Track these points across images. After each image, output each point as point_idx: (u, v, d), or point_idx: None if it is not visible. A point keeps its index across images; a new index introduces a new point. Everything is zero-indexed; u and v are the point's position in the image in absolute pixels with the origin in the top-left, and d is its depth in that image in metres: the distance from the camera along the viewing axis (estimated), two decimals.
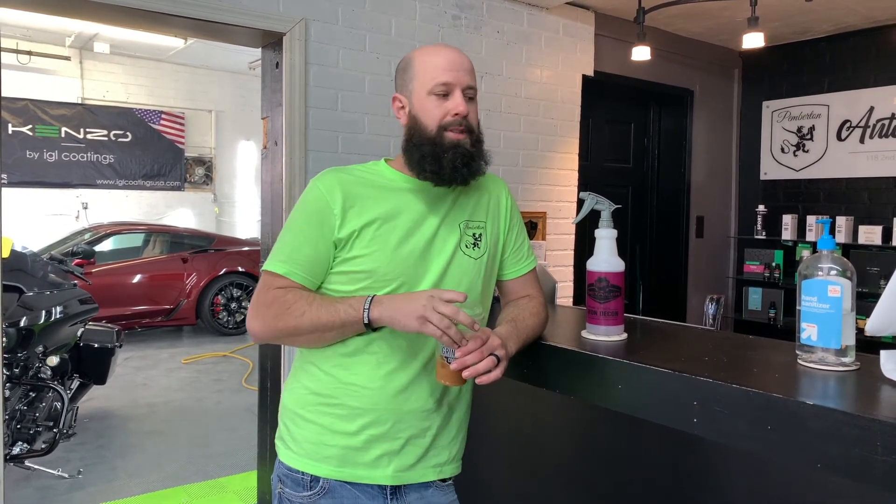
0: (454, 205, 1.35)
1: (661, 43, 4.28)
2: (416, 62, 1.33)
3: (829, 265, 1.22)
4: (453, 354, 1.18)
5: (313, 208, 1.28)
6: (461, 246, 1.34)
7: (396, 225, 1.28)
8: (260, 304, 1.26)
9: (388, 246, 1.27)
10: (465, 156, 1.29)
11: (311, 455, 1.28)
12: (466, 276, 1.34)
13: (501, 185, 1.48)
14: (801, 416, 1.06)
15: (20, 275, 3.39)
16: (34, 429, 3.27)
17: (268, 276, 1.28)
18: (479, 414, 1.95)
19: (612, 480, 1.63)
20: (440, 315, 1.14)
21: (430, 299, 1.15)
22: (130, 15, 2.60)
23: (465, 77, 1.30)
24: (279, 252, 1.28)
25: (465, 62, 1.32)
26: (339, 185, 1.28)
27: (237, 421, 4.45)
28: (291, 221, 1.31)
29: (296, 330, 1.23)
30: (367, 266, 1.26)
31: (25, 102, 7.77)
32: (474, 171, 1.31)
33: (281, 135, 2.88)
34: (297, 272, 1.26)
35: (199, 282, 7.07)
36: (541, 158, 3.77)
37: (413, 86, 1.32)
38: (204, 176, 9.21)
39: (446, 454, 1.37)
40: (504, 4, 3.58)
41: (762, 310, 4.84)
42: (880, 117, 4.35)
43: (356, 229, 1.26)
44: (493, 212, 1.42)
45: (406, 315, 1.16)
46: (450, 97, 1.29)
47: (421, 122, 1.31)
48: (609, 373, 1.36)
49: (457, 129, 1.29)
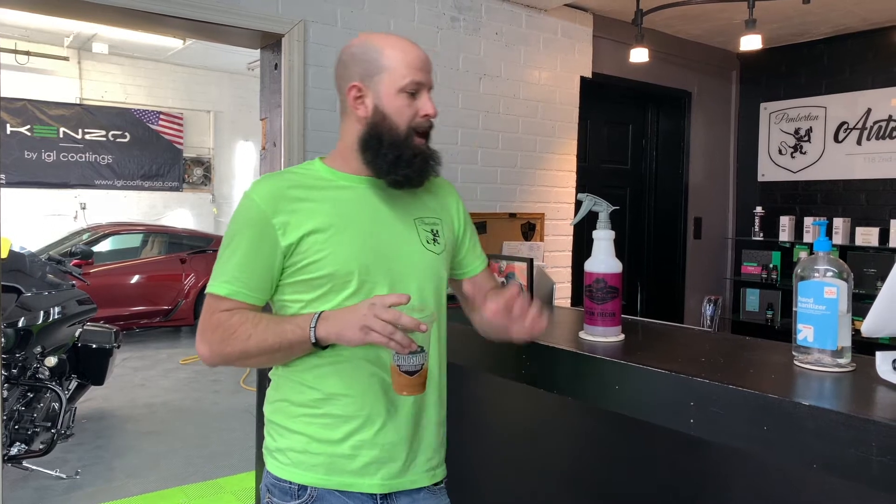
0: (402, 202, 1.31)
1: (660, 45, 4.29)
2: (387, 54, 1.26)
3: (826, 267, 1.23)
4: (406, 362, 1.13)
5: (250, 220, 1.22)
6: (422, 241, 1.31)
7: (346, 226, 1.24)
8: (205, 329, 1.21)
9: (341, 247, 1.22)
10: (430, 160, 1.28)
11: (297, 464, 1.26)
12: (429, 272, 1.31)
13: (448, 185, 1.45)
14: (797, 416, 1.06)
15: (18, 275, 3.39)
16: (32, 429, 3.27)
17: (211, 300, 1.22)
18: (474, 414, 1.95)
19: (610, 481, 1.63)
20: (382, 322, 1.09)
21: (371, 307, 1.10)
22: (129, 16, 2.60)
23: (431, 78, 1.29)
24: (221, 272, 1.22)
25: (429, 61, 1.30)
26: (274, 193, 1.23)
27: (235, 422, 4.45)
28: (229, 237, 1.24)
29: (243, 354, 1.20)
30: (325, 271, 1.22)
31: (24, 102, 7.76)
32: (431, 174, 1.31)
33: (280, 136, 2.88)
34: (241, 291, 1.21)
35: (198, 282, 7.07)
36: (539, 160, 3.78)
37: (382, 78, 1.25)
38: (202, 176, 9.21)
39: (435, 458, 1.35)
40: (502, 6, 3.58)
41: (760, 311, 4.85)
42: (877, 119, 4.36)
43: (302, 236, 1.21)
44: (444, 210, 1.40)
45: (350, 327, 1.12)
46: (419, 97, 1.27)
47: (390, 120, 1.25)
48: (606, 374, 1.37)
49: (422, 131, 1.28)
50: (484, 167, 3.54)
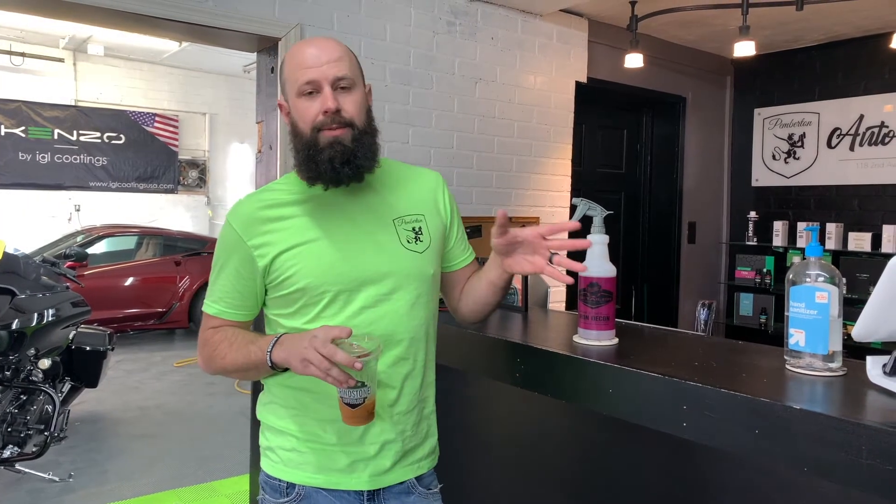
0: (378, 203, 1.30)
1: (654, 50, 4.31)
2: (286, 65, 1.27)
3: (817, 272, 1.24)
4: (348, 395, 1.12)
5: (228, 244, 1.28)
6: (402, 242, 1.29)
7: (317, 237, 1.25)
8: (199, 344, 1.32)
9: (312, 260, 1.23)
10: (345, 153, 1.21)
11: (286, 462, 1.29)
12: (413, 272, 1.29)
13: (435, 178, 1.41)
14: (788, 420, 1.08)
15: (12, 277, 3.38)
16: (25, 432, 3.25)
17: (204, 317, 1.33)
18: (469, 417, 1.96)
19: (603, 484, 1.64)
20: (320, 356, 1.09)
21: (312, 339, 1.11)
22: (126, 19, 2.61)
23: (331, 69, 1.21)
24: (210, 292, 1.31)
25: (331, 53, 1.23)
26: (248, 217, 1.26)
27: (229, 424, 4.44)
28: (215, 260, 1.31)
29: (224, 370, 1.28)
30: (299, 284, 1.23)
31: (18, 104, 7.74)
32: (360, 168, 1.24)
33: (276, 139, 2.89)
34: (227, 310, 1.29)
35: (192, 285, 7.06)
36: (534, 164, 3.79)
37: (287, 89, 1.27)
38: (197, 178, 9.20)
39: (420, 451, 1.35)
40: (498, 11, 3.60)
41: (753, 315, 4.87)
42: (870, 125, 4.40)
43: (276, 254, 1.24)
44: (430, 205, 1.36)
45: (293, 357, 1.14)
46: (318, 95, 1.22)
47: (298, 126, 1.25)
48: (600, 377, 1.38)
49: (331, 127, 1.22)
50: (479, 171, 3.55)
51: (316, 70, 1.21)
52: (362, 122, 1.25)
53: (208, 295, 1.31)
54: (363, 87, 1.29)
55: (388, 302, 1.27)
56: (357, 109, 1.25)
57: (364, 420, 1.17)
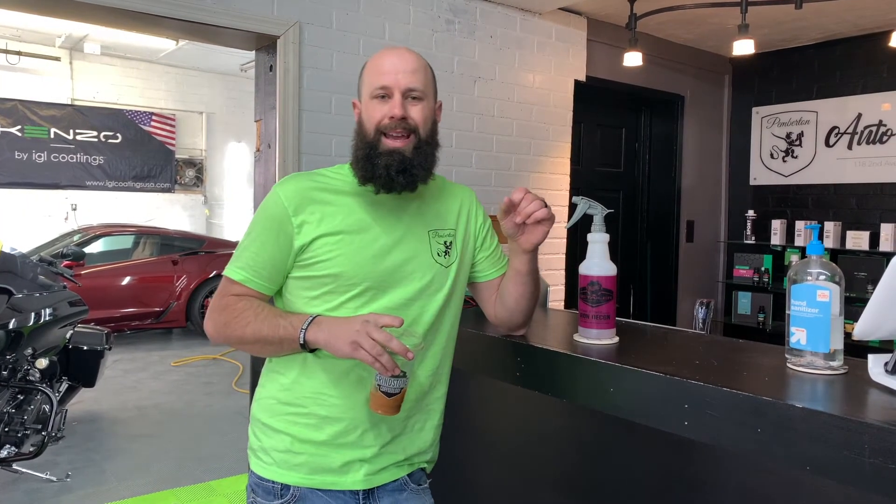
0: (419, 212, 1.34)
1: (653, 49, 4.31)
2: (366, 67, 1.34)
3: (818, 270, 1.23)
4: (387, 384, 1.15)
5: (272, 215, 1.27)
6: (433, 253, 1.33)
7: (360, 230, 1.27)
8: (214, 309, 1.28)
9: (351, 250, 1.26)
10: (402, 162, 1.26)
11: (280, 464, 1.28)
12: (437, 284, 1.32)
13: (471, 195, 1.47)
14: (790, 419, 1.07)
15: (10, 276, 3.36)
16: (22, 432, 3.24)
17: (226, 282, 1.29)
18: (470, 416, 1.95)
19: (604, 484, 1.64)
20: (372, 342, 1.11)
21: (364, 324, 1.13)
22: (123, 16, 2.60)
23: (404, 79, 1.28)
24: (238, 258, 1.29)
25: (407, 64, 1.29)
26: (299, 193, 1.28)
27: (227, 424, 4.43)
28: (252, 227, 1.30)
29: (240, 339, 1.25)
30: (332, 270, 1.25)
31: (14, 103, 7.71)
32: (415, 179, 1.28)
33: (274, 137, 2.88)
34: (253, 279, 1.27)
35: (189, 284, 7.04)
36: (533, 162, 3.79)
37: (362, 90, 1.33)
38: (194, 178, 9.18)
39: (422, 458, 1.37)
40: (497, 9, 3.59)
41: (751, 314, 4.88)
42: (868, 124, 4.40)
43: (316, 236, 1.25)
44: (463, 220, 1.41)
45: (340, 339, 1.14)
46: (390, 100, 1.28)
47: (364, 125, 1.31)
48: (601, 376, 1.37)
49: (395, 134, 1.27)
50: (478, 170, 3.55)
51: (391, 77, 1.28)
52: (426, 132, 1.31)
53: (235, 260, 1.29)
54: (434, 102, 1.36)
55: (411, 308, 1.29)
56: (423, 120, 1.31)
57: (394, 410, 1.18)
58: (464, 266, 1.40)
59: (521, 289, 1.42)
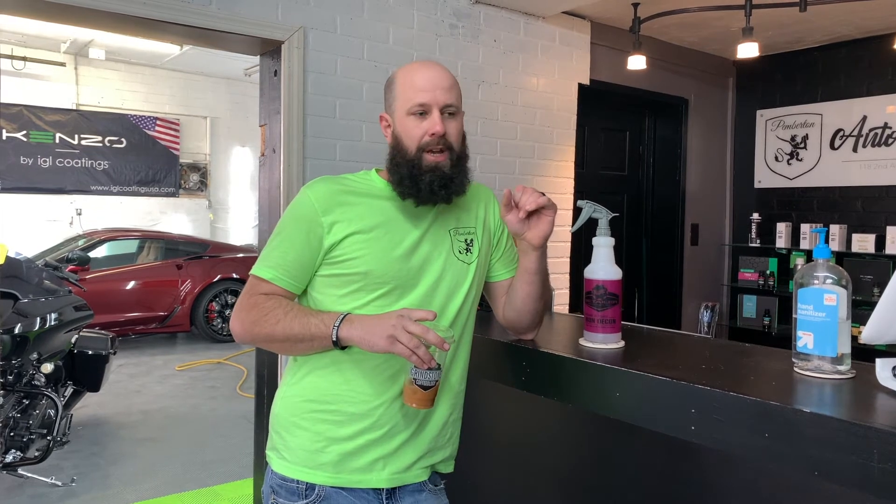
0: (441, 211, 1.38)
1: (657, 52, 4.31)
2: (398, 82, 1.36)
3: (825, 274, 1.23)
4: (423, 377, 1.17)
5: (302, 215, 1.30)
6: (454, 251, 1.36)
7: (387, 231, 1.31)
8: (242, 307, 1.29)
9: (380, 250, 1.29)
10: (444, 178, 1.30)
11: (305, 463, 1.28)
12: (459, 281, 1.36)
13: (489, 194, 1.51)
14: (797, 423, 1.07)
15: (15, 281, 3.37)
16: (27, 436, 3.25)
17: (254, 280, 1.31)
18: (476, 421, 1.95)
19: (610, 488, 1.63)
20: (409, 335, 1.14)
21: (399, 318, 1.15)
22: (128, 22, 2.60)
23: (442, 96, 1.32)
24: (267, 257, 1.31)
25: (443, 80, 1.33)
26: (328, 195, 1.31)
27: (232, 428, 4.43)
28: (281, 227, 1.33)
29: (269, 337, 1.26)
30: (361, 268, 1.28)
31: (20, 108, 7.75)
32: (453, 192, 1.33)
33: (279, 142, 2.88)
34: (282, 278, 1.29)
35: (194, 288, 7.05)
36: (537, 166, 3.79)
37: (395, 106, 1.35)
38: (199, 182, 9.20)
39: (441, 454, 1.38)
40: (501, 13, 3.60)
41: (757, 317, 4.86)
42: (873, 126, 4.39)
43: (346, 234, 1.28)
44: (482, 219, 1.45)
45: (375, 335, 1.16)
46: (427, 117, 1.31)
47: (402, 142, 1.33)
48: (607, 380, 1.37)
49: (435, 150, 1.31)
50: (482, 173, 3.55)
51: (429, 94, 1.31)
52: (460, 147, 1.36)
53: (263, 259, 1.31)
54: (462, 115, 1.39)
55: (433, 305, 1.31)
56: (457, 136, 1.35)
57: (428, 403, 1.20)
58: (483, 264, 1.43)
59: (529, 288, 1.44)
